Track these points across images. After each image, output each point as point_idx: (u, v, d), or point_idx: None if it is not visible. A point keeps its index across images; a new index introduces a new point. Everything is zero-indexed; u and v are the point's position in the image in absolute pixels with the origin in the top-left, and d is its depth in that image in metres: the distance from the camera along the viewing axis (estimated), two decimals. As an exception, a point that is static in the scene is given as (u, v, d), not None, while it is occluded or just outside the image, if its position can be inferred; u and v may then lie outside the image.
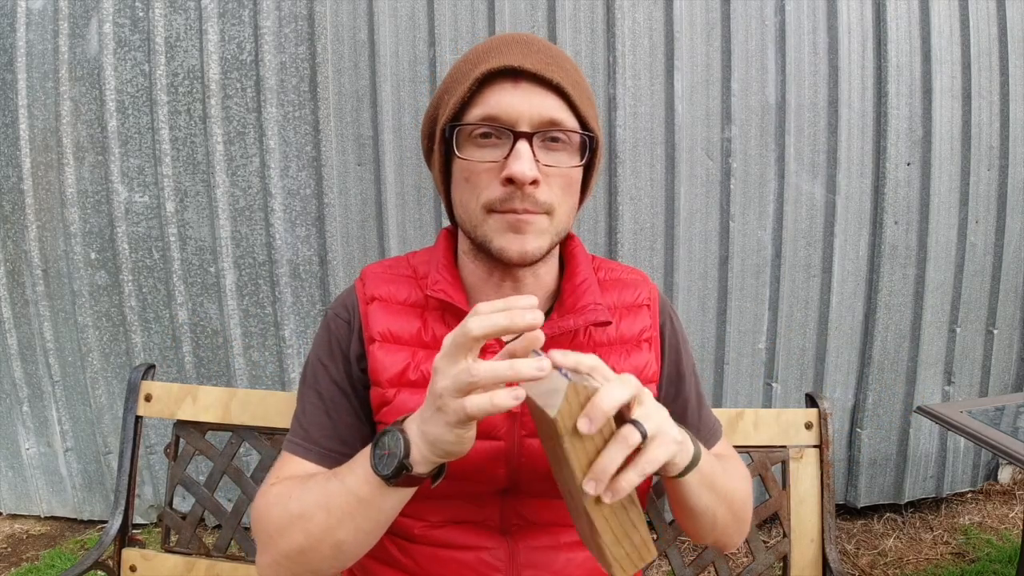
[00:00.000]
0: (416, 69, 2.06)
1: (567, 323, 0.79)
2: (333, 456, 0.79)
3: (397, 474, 0.64)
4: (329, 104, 2.07)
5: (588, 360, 0.62)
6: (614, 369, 0.80)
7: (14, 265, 2.24)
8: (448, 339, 0.60)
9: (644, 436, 0.57)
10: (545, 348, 0.80)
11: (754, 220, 2.16)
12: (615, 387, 0.57)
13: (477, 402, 0.57)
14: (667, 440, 0.59)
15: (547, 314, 0.84)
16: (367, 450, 0.68)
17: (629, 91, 2.07)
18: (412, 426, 0.65)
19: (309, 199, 2.12)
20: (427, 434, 0.62)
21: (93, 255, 2.19)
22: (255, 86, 2.07)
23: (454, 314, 0.80)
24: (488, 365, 0.56)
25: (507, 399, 0.56)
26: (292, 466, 0.80)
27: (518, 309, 0.57)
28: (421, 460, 0.64)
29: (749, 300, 2.20)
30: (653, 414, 0.60)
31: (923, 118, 2.15)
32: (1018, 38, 2.20)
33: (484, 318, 0.57)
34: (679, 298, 2.17)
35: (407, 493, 0.69)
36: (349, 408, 0.82)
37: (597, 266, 0.89)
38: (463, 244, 0.83)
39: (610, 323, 0.81)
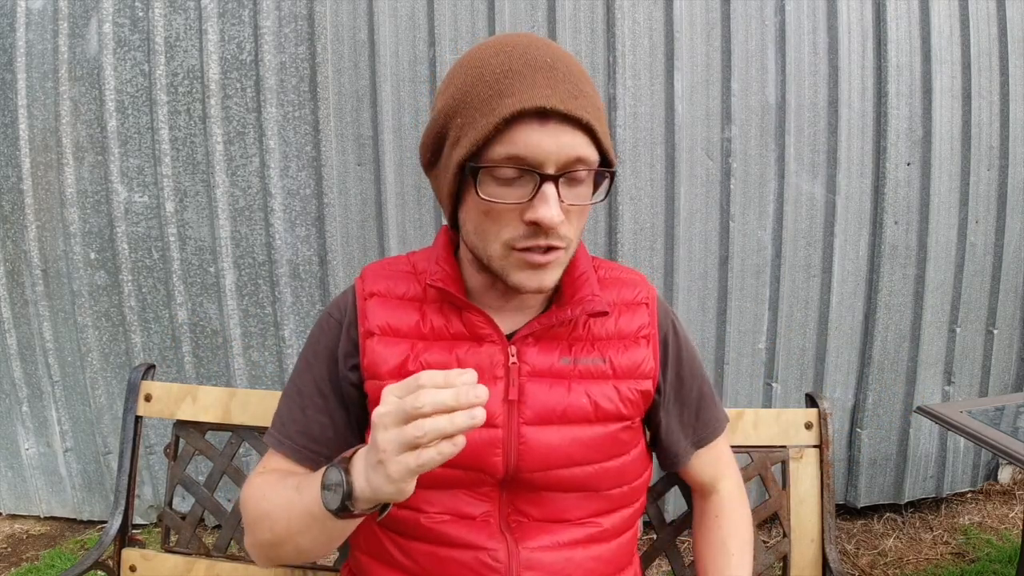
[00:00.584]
0: (416, 69, 2.06)
1: (565, 313, 0.80)
2: (303, 452, 0.84)
3: (340, 511, 0.66)
4: (329, 104, 2.07)
5: None
6: (612, 362, 0.81)
7: (14, 265, 2.24)
8: (393, 402, 0.60)
9: None
10: (544, 339, 0.81)
11: (754, 220, 2.16)
12: None
13: (428, 456, 0.59)
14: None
15: (546, 308, 0.85)
16: (319, 476, 0.70)
17: (629, 91, 2.07)
18: (359, 465, 0.65)
19: (309, 199, 2.12)
20: (371, 481, 0.63)
21: (93, 255, 2.19)
22: (255, 86, 2.07)
23: (452, 304, 0.82)
24: (431, 423, 0.58)
25: (450, 448, 0.59)
26: (274, 458, 0.85)
27: (464, 387, 0.59)
28: (364, 500, 0.65)
29: (749, 300, 2.20)
30: None
31: (923, 118, 2.15)
32: (1018, 38, 2.20)
33: (434, 394, 0.58)
34: (679, 298, 2.17)
35: (357, 520, 0.71)
36: (324, 408, 0.84)
37: (597, 265, 0.89)
38: (466, 254, 0.83)
39: (607, 313, 0.82)
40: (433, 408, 0.58)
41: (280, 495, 0.76)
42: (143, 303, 2.20)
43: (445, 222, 0.88)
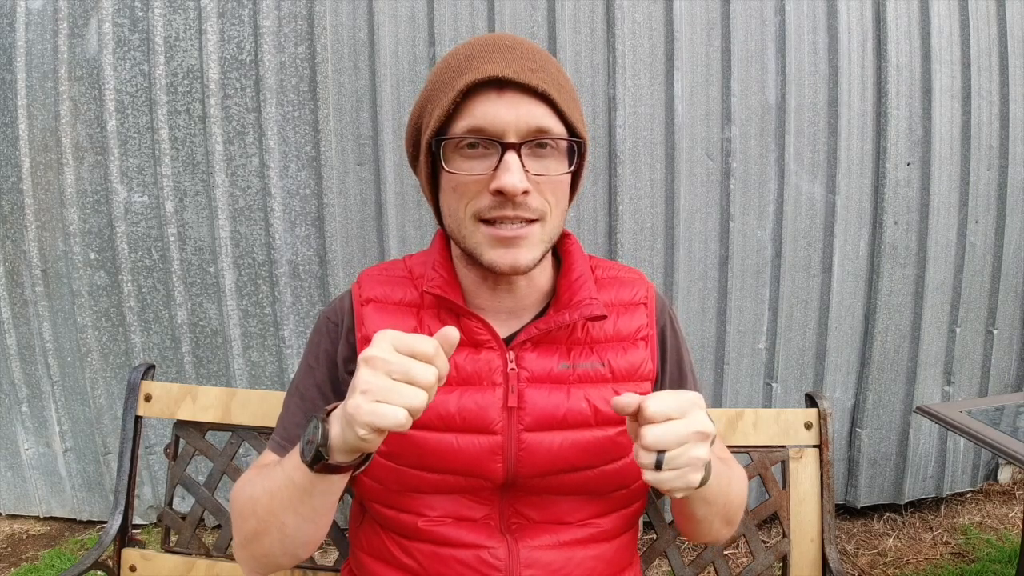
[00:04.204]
0: (416, 69, 2.06)
1: (562, 317, 0.80)
2: None
3: (316, 461, 0.66)
4: (329, 104, 2.06)
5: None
6: (611, 365, 0.82)
7: (13, 265, 2.24)
8: (390, 351, 0.61)
9: (659, 465, 0.64)
10: (543, 343, 0.81)
11: (754, 220, 2.16)
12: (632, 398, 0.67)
13: (389, 411, 0.61)
14: (677, 478, 0.65)
15: (544, 311, 0.85)
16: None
17: (629, 91, 2.07)
18: (337, 413, 0.66)
19: (309, 199, 2.12)
20: (344, 427, 0.63)
21: (92, 255, 2.19)
22: (255, 86, 2.07)
23: (449, 310, 0.81)
24: (411, 392, 0.61)
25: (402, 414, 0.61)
26: (268, 459, 0.84)
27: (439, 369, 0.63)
28: (339, 449, 0.65)
29: (749, 300, 2.20)
30: (680, 455, 0.64)
31: (923, 118, 2.15)
32: (1018, 38, 2.20)
33: (425, 373, 0.62)
34: (679, 298, 2.17)
35: (334, 482, 0.70)
36: None
37: (594, 265, 0.89)
38: (456, 249, 0.84)
39: (605, 317, 0.81)
40: (422, 382, 0.60)
41: (265, 476, 0.76)
42: (143, 303, 2.20)
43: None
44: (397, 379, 0.60)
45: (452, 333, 0.64)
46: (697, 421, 0.65)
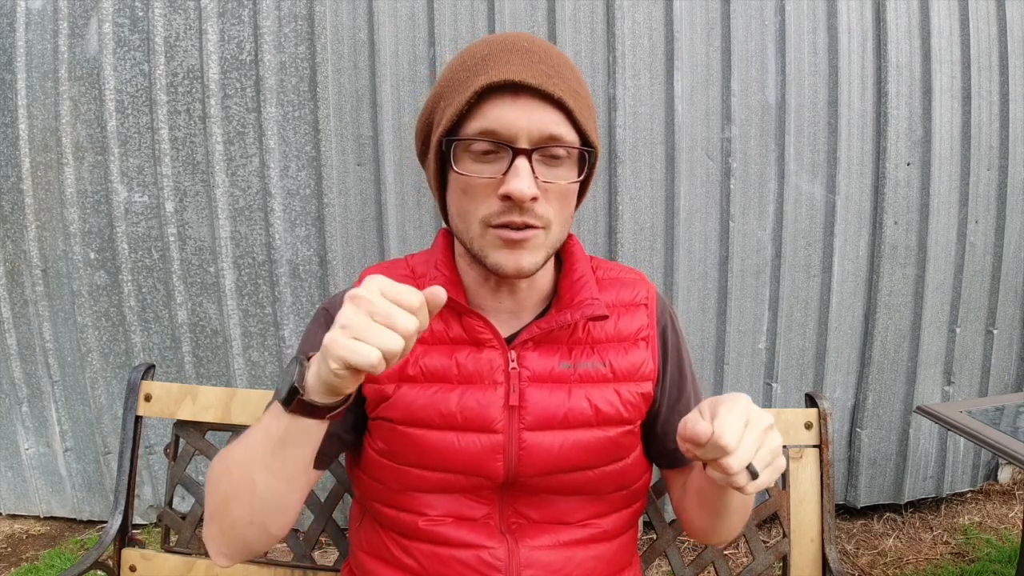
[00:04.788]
0: (416, 69, 2.06)
1: (564, 317, 0.80)
2: None
3: (290, 398, 0.65)
4: (329, 104, 2.06)
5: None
6: (612, 365, 0.82)
7: (13, 265, 2.24)
8: (377, 295, 0.61)
9: (755, 476, 0.63)
10: (544, 343, 0.81)
11: (754, 220, 2.16)
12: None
13: (364, 352, 0.59)
14: (771, 473, 0.64)
15: (545, 311, 0.85)
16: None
17: (629, 91, 2.07)
18: (316, 356, 0.65)
19: (309, 199, 2.12)
20: (319, 363, 0.63)
21: (92, 255, 2.19)
22: (255, 86, 2.07)
23: (451, 309, 0.81)
24: (388, 336, 0.60)
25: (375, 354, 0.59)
26: None
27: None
28: (315, 387, 0.64)
29: (749, 300, 2.20)
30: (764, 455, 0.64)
31: (923, 118, 2.15)
32: (1018, 38, 2.20)
33: (407, 321, 0.61)
34: (679, 298, 2.17)
35: (308, 429, 0.68)
36: None
37: (596, 266, 0.89)
38: (459, 247, 0.84)
39: (607, 317, 0.81)
40: (401, 329, 0.60)
41: (241, 437, 0.74)
42: (143, 303, 2.20)
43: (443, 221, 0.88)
44: (378, 321, 0.60)
45: (440, 293, 0.63)
46: (760, 421, 0.64)
